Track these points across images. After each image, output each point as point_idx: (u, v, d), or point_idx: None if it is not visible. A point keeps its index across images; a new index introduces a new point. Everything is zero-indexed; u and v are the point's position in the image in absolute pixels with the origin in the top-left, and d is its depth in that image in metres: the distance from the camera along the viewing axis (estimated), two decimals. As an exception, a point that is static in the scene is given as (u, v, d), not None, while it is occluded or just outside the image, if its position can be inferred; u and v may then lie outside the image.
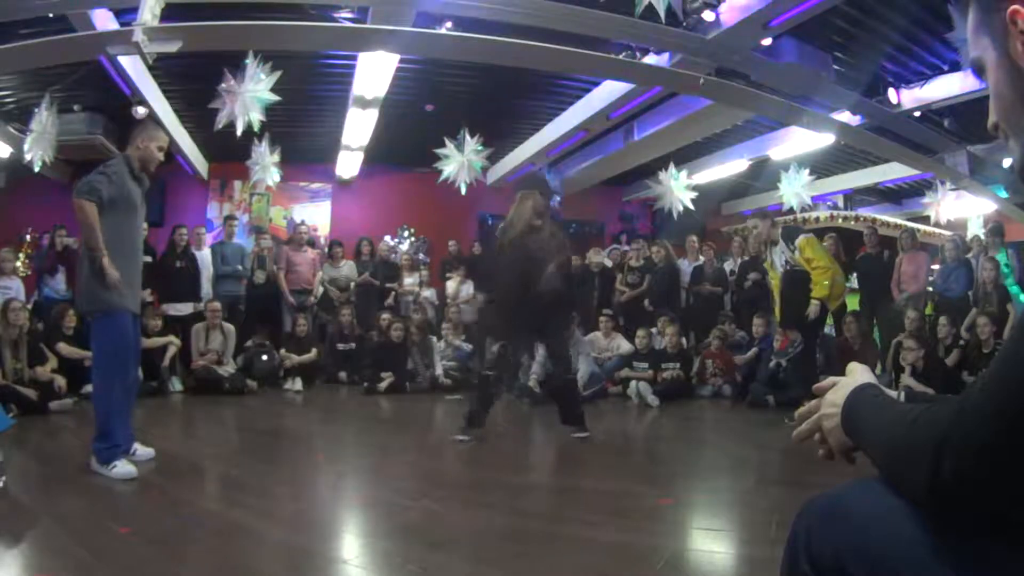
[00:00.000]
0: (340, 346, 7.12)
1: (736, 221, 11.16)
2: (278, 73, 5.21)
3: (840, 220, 9.15)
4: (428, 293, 8.14)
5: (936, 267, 7.01)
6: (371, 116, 7.08)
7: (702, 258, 7.79)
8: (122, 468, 3.01)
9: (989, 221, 7.93)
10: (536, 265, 4.05)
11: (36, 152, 6.26)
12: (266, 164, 7.54)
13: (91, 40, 4.46)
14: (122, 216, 3.19)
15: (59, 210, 7.27)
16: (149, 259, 6.73)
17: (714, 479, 3.50)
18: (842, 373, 0.91)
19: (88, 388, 5.10)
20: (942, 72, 5.94)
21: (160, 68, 5.81)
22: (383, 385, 6.34)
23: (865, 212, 9.97)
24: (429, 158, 7.69)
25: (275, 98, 5.34)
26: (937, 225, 8.75)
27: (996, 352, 0.65)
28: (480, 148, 7.33)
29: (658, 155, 8.38)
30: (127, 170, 3.25)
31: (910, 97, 6.24)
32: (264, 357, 6.65)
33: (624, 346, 6.64)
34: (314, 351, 6.93)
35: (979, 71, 0.76)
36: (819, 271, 4.81)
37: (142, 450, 3.34)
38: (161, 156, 3.39)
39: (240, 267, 7.28)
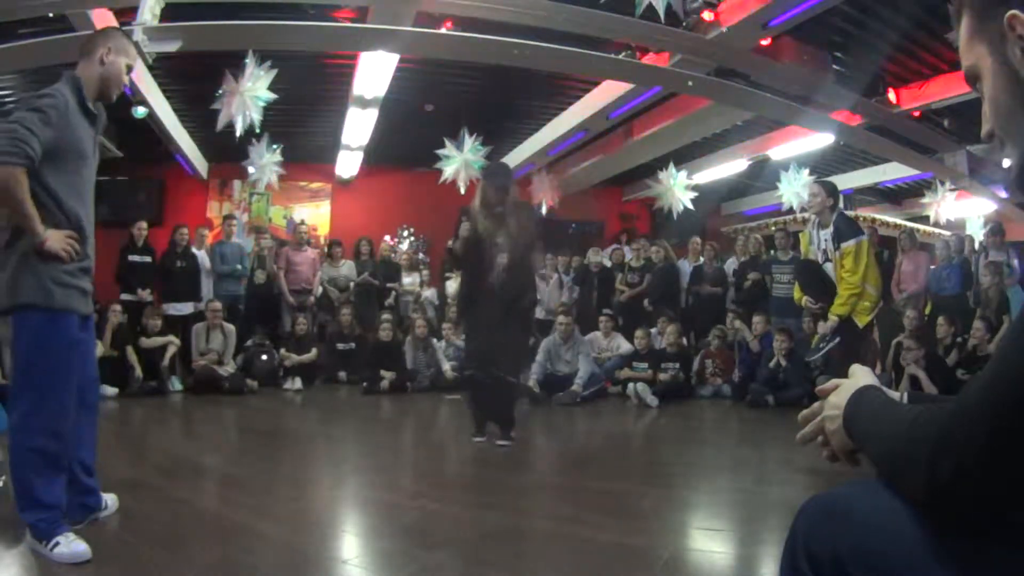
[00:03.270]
0: (340, 346, 7.13)
1: (736, 221, 11.18)
2: (275, 71, 5.21)
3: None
4: (428, 293, 8.14)
5: (932, 267, 7.03)
6: (371, 116, 7.08)
7: (702, 258, 7.79)
8: (66, 547, 2.01)
9: (989, 221, 7.94)
10: (489, 258, 3.96)
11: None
12: (264, 164, 7.54)
13: (91, 40, 4.46)
14: (68, 172, 2.17)
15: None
16: (149, 259, 6.77)
17: (714, 479, 3.50)
18: (842, 375, 0.92)
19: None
20: (942, 72, 5.95)
21: (160, 68, 5.81)
22: (384, 384, 6.35)
23: (865, 212, 9.98)
24: (429, 158, 7.70)
25: (273, 96, 5.34)
26: (937, 225, 8.77)
27: (992, 353, 0.65)
28: (479, 148, 7.33)
29: (658, 155, 8.39)
30: (76, 100, 2.21)
31: (910, 97, 6.24)
32: (264, 357, 6.65)
33: (624, 346, 6.64)
34: (314, 351, 6.93)
35: (972, 80, 0.76)
36: (846, 286, 4.14)
37: (111, 500, 2.46)
38: (127, 80, 2.44)
39: (240, 267, 7.29)
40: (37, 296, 2.08)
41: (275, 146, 7.51)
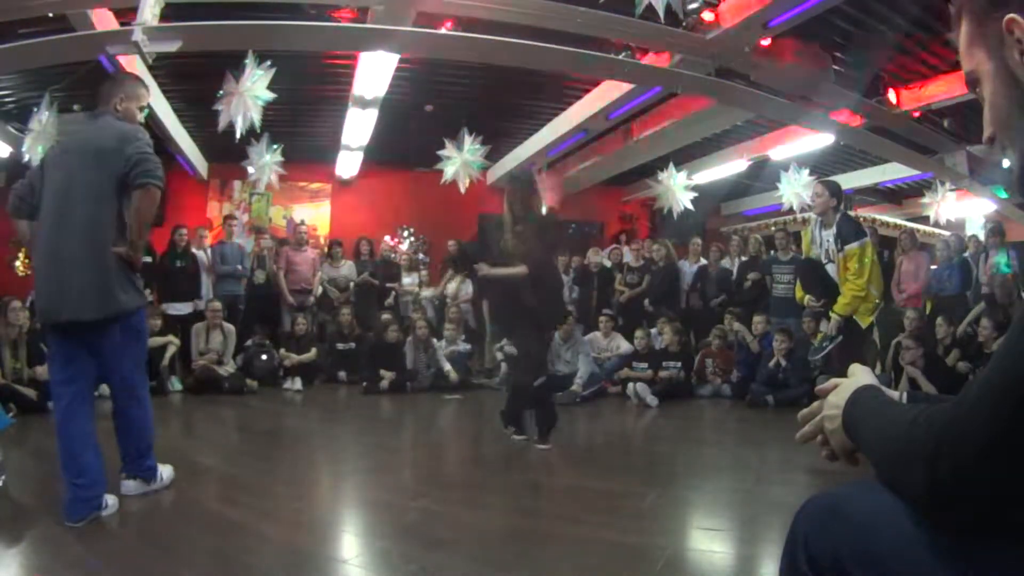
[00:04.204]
0: (340, 346, 7.13)
1: (736, 221, 11.17)
2: (273, 71, 5.20)
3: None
4: (428, 293, 8.14)
5: (934, 267, 7.03)
6: (371, 116, 7.08)
7: (703, 260, 7.79)
8: (166, 472, 2.83)
9: (989, 221, 7.93)
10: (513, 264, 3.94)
11: (35, 152, 6.25)
12: (263, 164, 7.54)
13: (91, 40, 4.46)
14: None
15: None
16: (149, 259, 6.77)
17: (714, 479, 3.50)
18: (842, 375, 0.92)
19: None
20: (942, 72, 5.95)
21: (160, 68, 5.80)
22: (384, 384, 6.35)
23: (865, 212, 9.97)
24: (429, 158, 7.69)
25: (272, 96, 5.32)
26: (937, 225, 8.76)
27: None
28: (477, 148, 7.33)
29: (658, 155, 8.38)
30: None
31: (910, 97, 6.24)
32: (264, 357, 6.65)
33: (623, 346, 6.64)
34: (313, 351, 6.93)
35: (973, 85, 0.76)
36: (851, 288, 4.08)
37: (111, 500, 2.56)
38: (142, 119, 2.83)
39: (240, 267, 7.29)
40: (141, 300, 2.69)
41: (275, 146, 7.50)
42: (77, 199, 2.49)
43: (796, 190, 8.11)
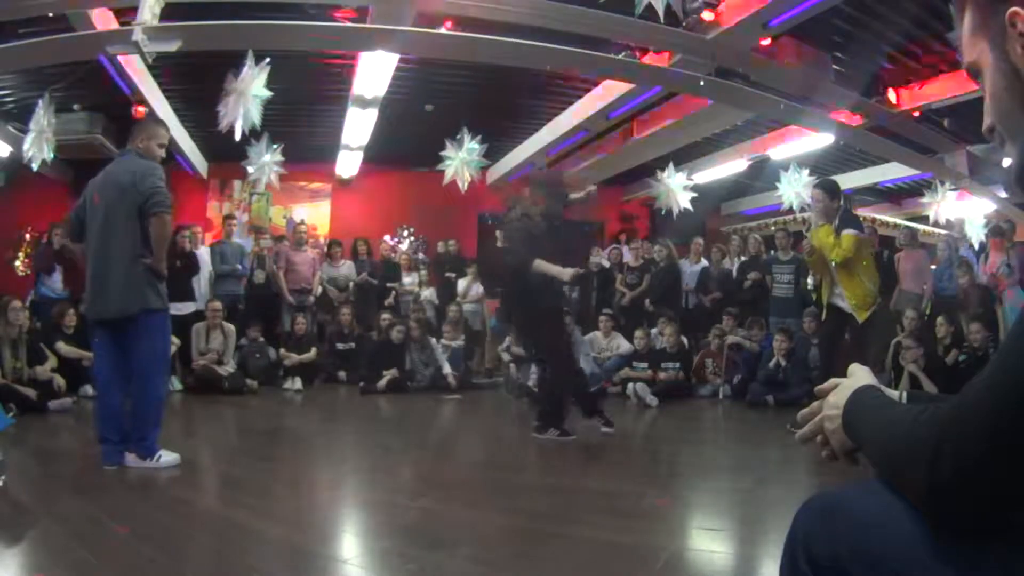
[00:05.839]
0: (339, 346, 7.13)
1: (736, 221, 11.16)
2: (268, 67, 5.19)
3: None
4: (427, 293, 8.14)
5: (933, 267, 7.03)
6: (371, 116, 7.07)
7: (704, 261, 7.78)
8: (168, 456, 3.14)
9: (991, 221, 7.93)
10: (525, 264, 4.05)
11: (35, 151, 6.25)
12: (263, 164, 7.54)
13: (91, 40, 4.46)
14: None
15: (58, 209, 7.28)
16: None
17: (714, 479, 3.50)
18: (842, 375, 0.92)
19: (87, 389, 5.17)
20: (942, 72, 5.94)
21: (160, 68, 5.80)
22: (383, 383, 6.34)
23: (865, 212, 9.96)
24: (429, 158, 7.69)
25: (269, 93, 5.32)
26: (936, 225, 8.76)
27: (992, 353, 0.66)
28: (475, 147, 7.32)
29: (658, 155, 8.38)
30: None
31: (910, 97, 6.24)
32: (257, 355, 6.64)
33: (624, 346, 6.63)
34: (313, 350, 6.93)
35: (974, 75, 0.76)
36: (852, 282, 4.29)
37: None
38: (162, 153, 3.37)
39: (239, 266, 7.28)
40: (161, 302, 3.27)
41: (275, 146, 7.51)
42: (113, 225, 3.15)
43: (796, 190, 8.12)
